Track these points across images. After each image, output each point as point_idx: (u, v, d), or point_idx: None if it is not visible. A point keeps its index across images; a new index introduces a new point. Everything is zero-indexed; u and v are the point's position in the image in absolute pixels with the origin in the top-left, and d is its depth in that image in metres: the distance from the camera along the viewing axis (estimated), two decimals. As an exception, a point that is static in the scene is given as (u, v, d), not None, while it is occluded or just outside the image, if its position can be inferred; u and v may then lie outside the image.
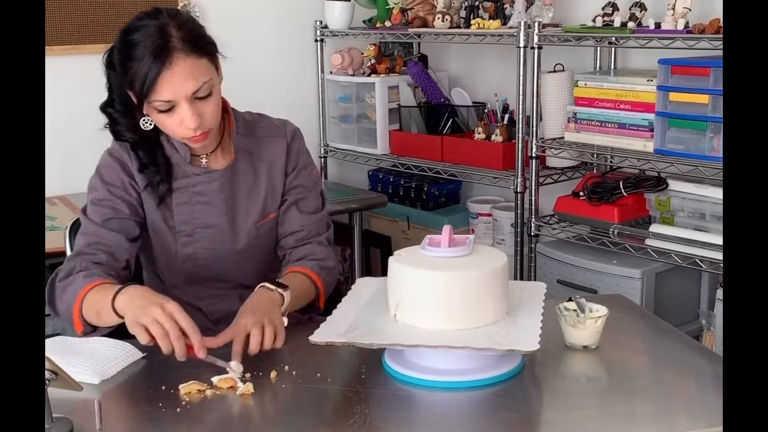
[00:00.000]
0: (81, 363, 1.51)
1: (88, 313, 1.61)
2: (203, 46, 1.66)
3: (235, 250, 1.81)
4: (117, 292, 1.54)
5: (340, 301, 1.61)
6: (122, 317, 1.53)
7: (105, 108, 1.75)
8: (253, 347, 1.52)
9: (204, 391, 1.45)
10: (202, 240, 1.79)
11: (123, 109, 1.72)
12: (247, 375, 1.50)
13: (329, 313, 1.58)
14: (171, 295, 1.57)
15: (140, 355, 1.57)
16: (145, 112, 1.68)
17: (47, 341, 1.51)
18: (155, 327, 1.46)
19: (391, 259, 1.54)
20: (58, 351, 1.51)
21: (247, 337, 1.53)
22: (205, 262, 1.80)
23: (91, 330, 1.64)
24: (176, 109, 1.63)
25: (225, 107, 1.80)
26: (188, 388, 1.44)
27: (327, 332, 1.48)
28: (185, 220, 1.78)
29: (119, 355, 1.56)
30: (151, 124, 1.70)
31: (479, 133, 3.08)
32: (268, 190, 1.84)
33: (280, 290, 1.64)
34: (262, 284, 1.65)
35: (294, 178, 1.86)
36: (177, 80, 1.60)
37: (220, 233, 1.80)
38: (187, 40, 1.62)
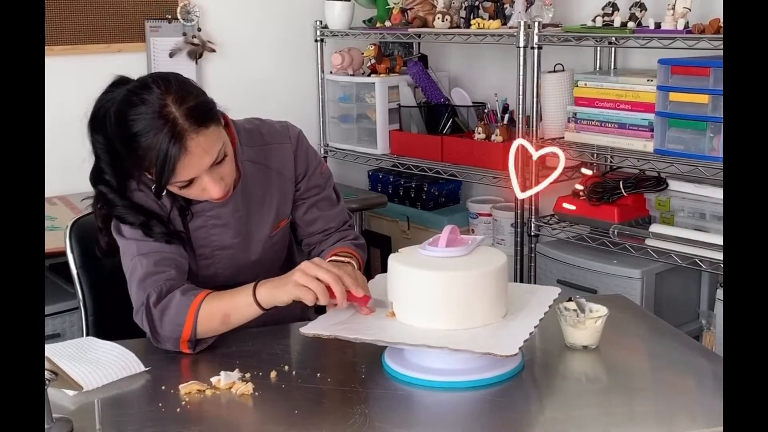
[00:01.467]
0: (82, 369, 1.50)
1: (206, 323, 1.59)
2: (209, 116, 1.60)
3: (251, 261, 1.81)
4: (254, 289, 1.57)
5: None
6: (267, 308, 1.58)
7: (96, 183, 1.69)
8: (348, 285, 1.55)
9: (204, 391, 1.45)
10: (222, 261, 1.78)
11: (116, 182, 1.67)
12: (247, 375, 1.50)
13: None
14: None
15: (142, 368, 1.55)
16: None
17: (48, 346, 1.51)
18: (312, 283, 1.51)
19: (390, 258, 1.55)
20: (59, 357, 1.51)
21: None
22: (224, 280, 1.77)
23: (194, 347, 1.61)
24: (196, 181, 1.60)
25: (226, 122, 1.72)
26: (188, 388, 1.44)
27: (316, 325, 1.50)
28: (203, 244, 1.76)
29: (121, 366, 1.55)
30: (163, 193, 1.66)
31: (479, 133, 3.08)
32: (279, 198, 1.83)
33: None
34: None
35: (307, 181, 1.86)
36: (194, 161, 1.56)
37: (238, 251, 1.79)
38: (191, 116, 1.55)
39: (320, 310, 1.62)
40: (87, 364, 1.53)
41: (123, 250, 1.70)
